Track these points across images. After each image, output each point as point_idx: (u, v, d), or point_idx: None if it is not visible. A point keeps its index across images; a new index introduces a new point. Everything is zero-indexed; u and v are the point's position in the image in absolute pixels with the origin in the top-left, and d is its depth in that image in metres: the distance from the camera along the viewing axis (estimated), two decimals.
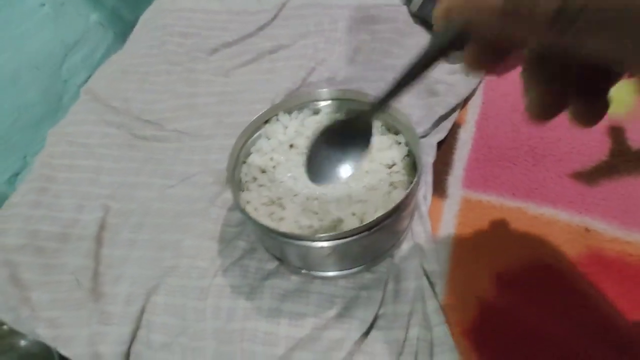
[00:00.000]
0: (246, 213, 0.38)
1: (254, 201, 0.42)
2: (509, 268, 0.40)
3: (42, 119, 0.76)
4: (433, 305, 0.39)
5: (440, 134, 0.50)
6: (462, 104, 0.52)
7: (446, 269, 0.41)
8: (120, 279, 0.45)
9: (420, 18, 0.62)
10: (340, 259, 0.40)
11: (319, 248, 0.37)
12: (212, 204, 0.48)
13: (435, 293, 0.40)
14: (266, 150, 0.45)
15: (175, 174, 0.53)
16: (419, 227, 0.44)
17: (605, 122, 0.47)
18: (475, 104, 0.52)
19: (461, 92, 0.51)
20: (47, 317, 0.43)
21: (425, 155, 0.48)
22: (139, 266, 0.46)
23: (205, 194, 0.49)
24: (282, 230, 0.38)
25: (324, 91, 0.46)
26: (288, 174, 0.43)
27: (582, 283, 0.39)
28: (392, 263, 0.42)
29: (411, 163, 0.43)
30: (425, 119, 0.50)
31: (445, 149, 0.50)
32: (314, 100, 0.47)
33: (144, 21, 0.73)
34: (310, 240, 0.37)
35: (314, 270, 0.42)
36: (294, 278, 0.43)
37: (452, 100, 0.50)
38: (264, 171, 0.44)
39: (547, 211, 0.43)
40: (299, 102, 0.47)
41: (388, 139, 0.45)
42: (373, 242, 0.39)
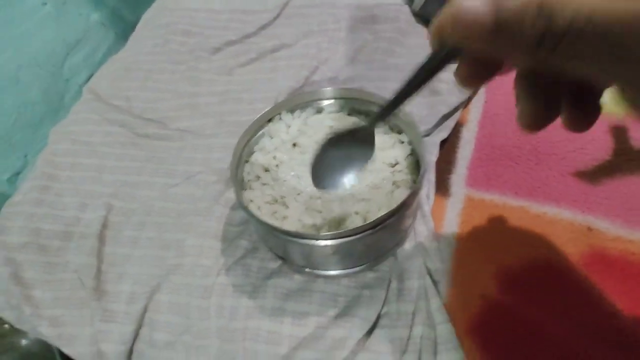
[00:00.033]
0: (249, 211, 0.38)
1: (257, 200, 0.42)
2: (512, 266, 0.40)
3: (43, 118, 0.76)
4: (436, 303, 0.39)
5: (443, 132, 0.50)
6: (465, 103, 0.52)
7: (449, 268, 0.41)
8: (123, 278, 0.45)
9: (423, 17, 0.62)
10: (344, 258, 0.40)
11: (323, 246, 0.37)
12: (215, 203, 0.48)
13: (438, 292, 0.40)
14: (269, 149, 0.45)
15: (178, 172, 0.53)
16: (421, 226, 0.44)
17: (608, 122, 0.47)
18: (477, 103, 0.52)
19: (464, 92, 0.51)
20: (50, 316, 0.43)
21: (428, 154, 0.48)
22: (142, 265, 0.46)
23: (208, 193, 0.49)
24: (286, 228, 0.38)
25: (327, 90, 0.46)
26: (291, 173, 0.43)
27: (585, 282, 0.39)
28: (395, 262, 0.42)
29: (414, 162, 0.43)
30: (428, 117, 0.50)
31: (448, 148, 0.50)
32: (316, 99, 0.47)
33: (146, 20, 0.73)
34: (314, 238, 0.37)
35: (317, 269, 0.42)
36: (297, 277, 0.43)
37: (455, 99, 0.50)
38: (267, 170, 0.44)
39: (550, 210, 0.43)
40: (301, 101, 0.47)
41: (391, 138, 0.45)
42: (376, 241, 0.39)
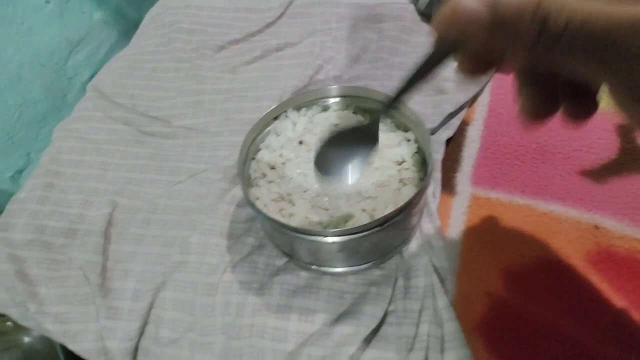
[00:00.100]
0: (257, 208, 0.38)
1: (263, 197, 0.42)
2: (518, 265, 0.40)
3: (46, 116, 0.76)
4: (443, 301, 0.39)
5: (449, 131, 0.50)
6: (471, 102, 0.52)
7: (456, 266, 0.41)
8: (129, 275, 0.45)
9: (428, 16, 0.62)
10: (350, 255, 0.40)
11: (330, 243, 0.37)
12: (220, 201, 0.48)
13: (445, 290, 0.40)
14: (275, 146, 0.45)
15: (183, 170, 0.53)
16: (428, 224, 0.44)
17: (614, 121, 0.47)
18: (483, 102, 0.52)
19: (469, 90, 0.51)
20: (55, 312, 0.43)
21: (434, 153, 0.48)
22: (147, 262, 0.45)
23: (213, 191, 0.49)
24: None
25: (333, 88, 0.47)
26: (297, 171, 0.43)
27: (591, 280, 0.39)
28: (402, 260, 0.42)
29: (420, 160, 0.43)
30: (433, 116, 0.50)
31: (453, 146, 0.50)
32: (322, 97, 0.47)
33: (150, 18, 0.73)
34: (321, 235, 0.37)
35: (324, 266, 0.42)
36: (304, 274, 0.43)
37: (461, 98, 0.50)
38: (273, 167, 0.44)
39: (557, 208, 0.43)
40: (307, 99, 0.47)
41: (397, 136, 0.45)
42: (383, 239, 0.39)
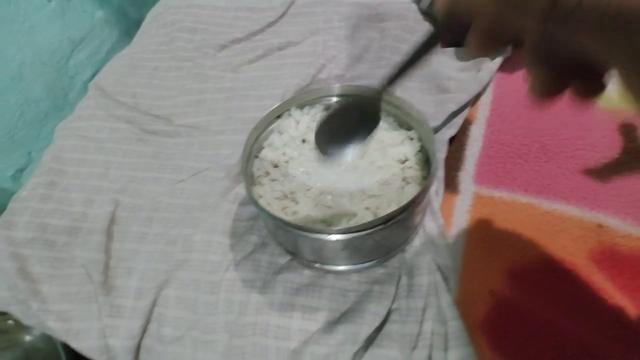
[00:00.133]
0: (260, 206, 0.38)
1: (266, 195, 0.42)
2: (521, 263, 0.40)
3: (48, 114, 0.76)
4: (447, 300, 0.39)
5: (452, 129, 0.50)
6: (473, 101, 0.52)
7: (459, 264, 0.41)
8: (131, 273, 0.45)
9: (430, 15, 0.62)
10: (354, 253, 0.40)
11: (334, 241, 0.37)
12: (223, 199, 0.48)
13: (448, 288, 0.40)
14: (278, 145, 0.45)
15: (185, 168, 0.53)
16: (431, 223, 0.44)
17: (617, 120, 0.47)
18: (485, 101, 0.52)
19: (472, 89, 0.51)
20: (57, 310, 0.43)
21: (437, 151, 0.48)
22: (150, 260, 0.45)
23: (215, 189, 0.49)
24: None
25: (336, 86, 0.46)
26: (301, 169, 0.43)
27: (595, 278, 0.39)
28: (405, 258, 0.42)
29: (424, 158, 0.43)
30: (436, 115, 0.50)
31: (456, 145, 0.50)
32: (326, 96, 0.47)
33: (152, 17, 0.73)
34: (325, 233, 0.36)
35: (327, 265, 0.42)
36: (307, 272, 0.42)
37: (464, 97, 0.50)
38: (276, 166, 0.44)
39: (560, 207, 0.43)
40: (311, 98, 0.47)
41: (400, 135, 0.45)
42: (386, 237, 0.39)
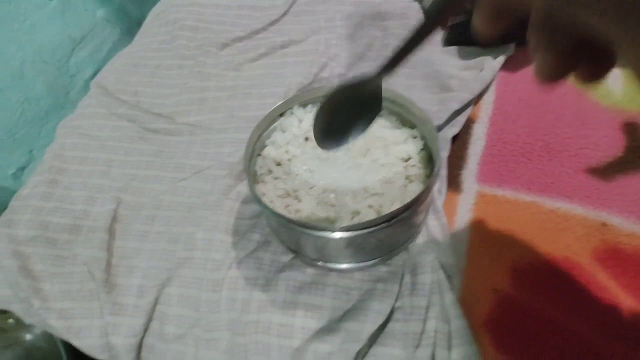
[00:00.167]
0: (263, 204, 0.38)
1: (269, 193, 0.42)
2: (524, 262, 0.40)
3: (49, 113, 0.75)
4: (450, 298, 0.39)
5: (455, 128, 0.49)
6: (476, 99, 0.52)
7: (462, 263, 0.41)
8: (133, 271, 0.45)
9: None
10: (357, 252, 0.40)
11: (337, 239, 0.37)
12: (226, 197, 0.48)
13: (452, 286, 0.40)
14: (281, 143, 0.45)
15: (187, 167, 0.53)
16: (434, 221, 0.44)
17: (621, 119, 0.47)
18: (488, 99, 0.52)
19: (475, 88, 0.51)
20: (59, 308, 0.43)
21: (440, 150, 0.48)
22: (152, 258, 0.45)
23: (218, 187, 0.49)
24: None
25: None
26: (303, 167, 0.43)
27: (598, 277, 0.39)
28: (408, 256, 0.42)
29: (427, 157, 0.43)
30: (439, 113, 0.50)
31: (459, 144, 0.49)
32: None
33: (154, 15, 0.72)
34: (328, 230, 0.36)
35: (330, 263, 0.41)
36: (310, 270, 0.42)
37: (466, 95, 0.50)
38: (279, 164, 0.44)
39: (563, 205, 0.43)
40: (313, 96, 0.47)
41: (403, 133, 0.44)
42: (390, 235, 0.39)
